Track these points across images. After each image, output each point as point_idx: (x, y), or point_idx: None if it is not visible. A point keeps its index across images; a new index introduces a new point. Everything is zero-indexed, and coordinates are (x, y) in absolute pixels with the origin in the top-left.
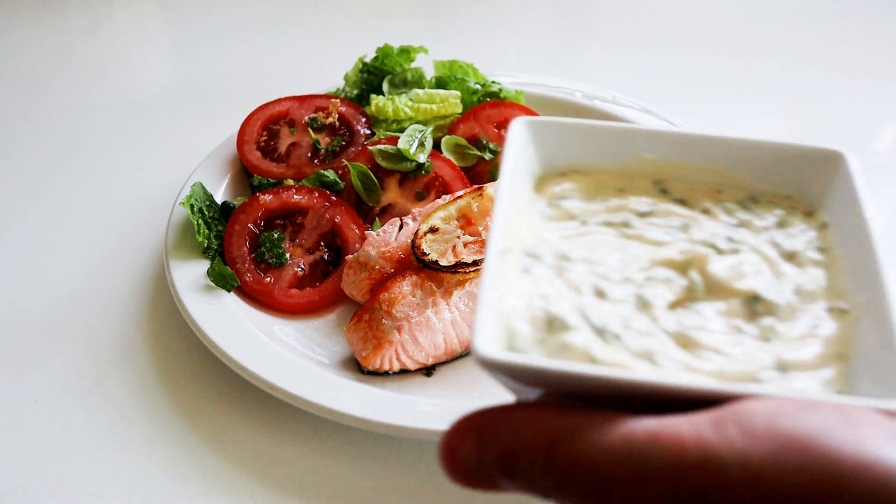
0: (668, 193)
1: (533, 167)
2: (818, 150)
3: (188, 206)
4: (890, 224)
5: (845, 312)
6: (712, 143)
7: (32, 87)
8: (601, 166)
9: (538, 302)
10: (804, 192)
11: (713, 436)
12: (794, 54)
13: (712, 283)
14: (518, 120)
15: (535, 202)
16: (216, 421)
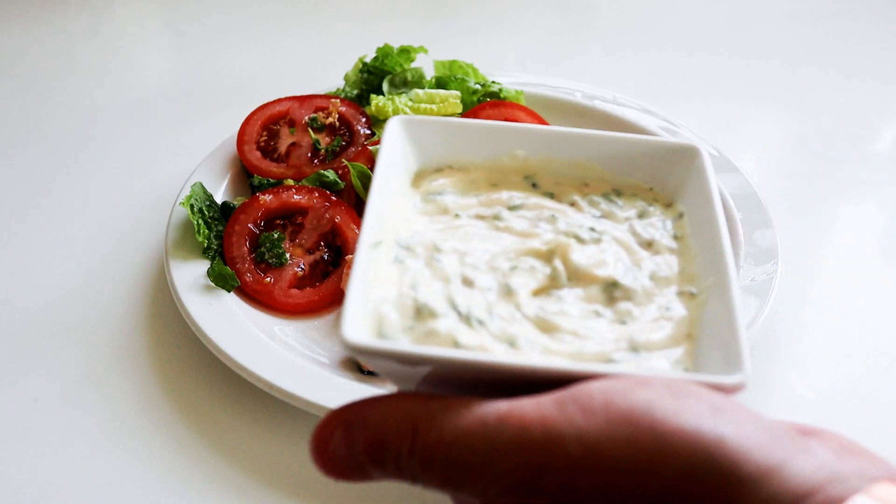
0: (538, 188)
1: (409, 164)
2: (676, 145)
3: (188, 206)
4: (890, 224)
5: (694, 296)
6: (579, 138)
7: (32, 87)
8: (475, 163)
9: (408, 291)
10: (664, 184)
11: (555, 414)
12: (794, 54)
13: (574, 271)
14: (394, 119)
15: (410, 197)
16: (216, 421)
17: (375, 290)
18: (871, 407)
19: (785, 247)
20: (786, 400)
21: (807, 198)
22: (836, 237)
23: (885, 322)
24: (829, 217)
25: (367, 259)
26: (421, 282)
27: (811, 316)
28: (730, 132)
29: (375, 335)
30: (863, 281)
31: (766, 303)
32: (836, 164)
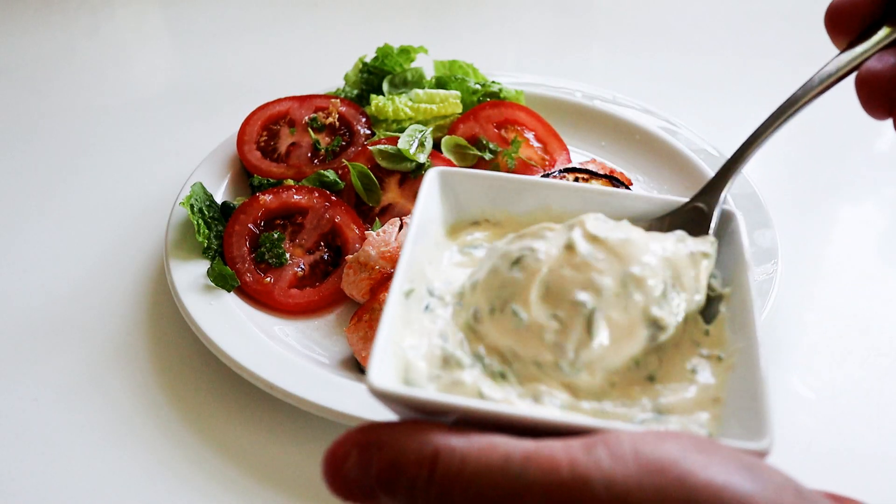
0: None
1: (446, 215)
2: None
3: (188, 206)
4: (890, 224)
5: (721, 360)
6: (614, 196)
7: (32, 87)
8: (510, 217)
9: (436, 340)
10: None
11: (584, 457)
12: (794, 54)
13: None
14: (432, 170)
15: (445, 247)
16: (216, 421)
17: (404, 337)
18: (871, 407)
19: (785, 247)
20: (786, 400)
21: (807, 198)
22: (836, 237)
23: (885, 322)
24: (829, 217)
25: (398, 305)
26: (449, 332)
27: (811, 316)
28: (730, 132)
29: (402, 382)
30: (863, 281)
31: (766, 303)
32: (836, 164)
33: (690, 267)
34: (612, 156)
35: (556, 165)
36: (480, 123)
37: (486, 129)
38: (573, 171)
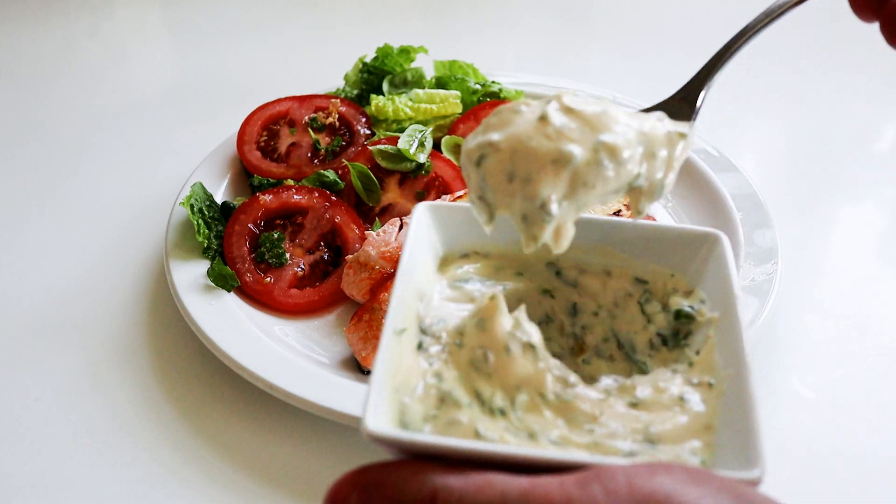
0: (562, 276)
1: (436, 249)
2: (697, 232)
3: (188, 206)
4: (890, 224)
5: (712, 386)
6: (602, 225)
7: (32, 88)
8: (500, 249)
9: (432, 380)
10: (685, 270)
11: (578, 493)
12: (794, 54)
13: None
14: (420, 206)
15: (436, 282)
16: (216, 421)
17: (399, 378)
18: (871, 407)
19: (785, 247)
20: (786, 400)
21: (807, 198)
22: (836, 237)
23: (885, 322)
24: (829, 217)
25: (391, 346)
26: (444, 371)
27: (811, 316)
28: (730, 132)
29: (398, 424)
30: (863, 281)
31: (766, 303)
32: (836, 164)
33: (665, 145)
34: None
35: None
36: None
37: None
38: None
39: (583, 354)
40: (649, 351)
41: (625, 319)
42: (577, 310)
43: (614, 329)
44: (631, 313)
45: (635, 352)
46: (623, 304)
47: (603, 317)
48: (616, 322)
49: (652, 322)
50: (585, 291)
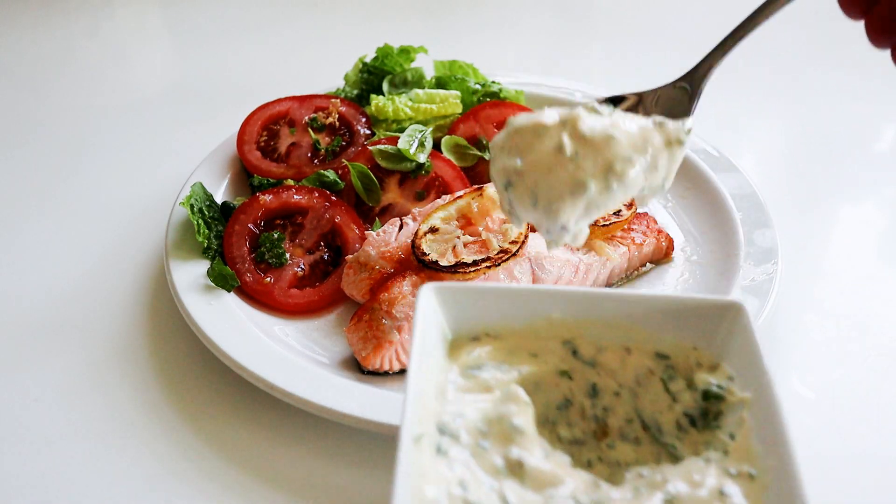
0: (579, 356)
1: (444, 333)
2: (718, 303)
3: (188, 206)
4: (890, 224)
5: (753, 478)
6: (618, 299)
7: (32, 88)
8: (511, 328)
9: (457, 491)
10: (708, 343)
11: None
12: (794, 54)
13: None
14: (425, 288)
15: (448, 371)
16: (216, 421)
17: (421, 489)
18: (871, 407)
19: (785, 247)
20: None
21: (807, 198)
22: (836, 237)
23: (885, 322)
24: (829, 217)
25: (410, 456)
26: (468, 477)
27: (811, 316)
28: (730, 132)
29: None
30: (863, 281)
31: (766, 303)
32: (836, 164)
33: (666, 154)
34: None
35: None
36: (480, 123)
37: (486, 129)
38: None
39: (606, 438)
40: (677, 432)
41: (648, 398)
42: (598, 390)
43: (638, 409)
44: (654, 392)
45: (662, 433)
46: (645, 381)
47: (625, 396)
48: (639, 401)
49: (678, 401)
50: (605, 370)
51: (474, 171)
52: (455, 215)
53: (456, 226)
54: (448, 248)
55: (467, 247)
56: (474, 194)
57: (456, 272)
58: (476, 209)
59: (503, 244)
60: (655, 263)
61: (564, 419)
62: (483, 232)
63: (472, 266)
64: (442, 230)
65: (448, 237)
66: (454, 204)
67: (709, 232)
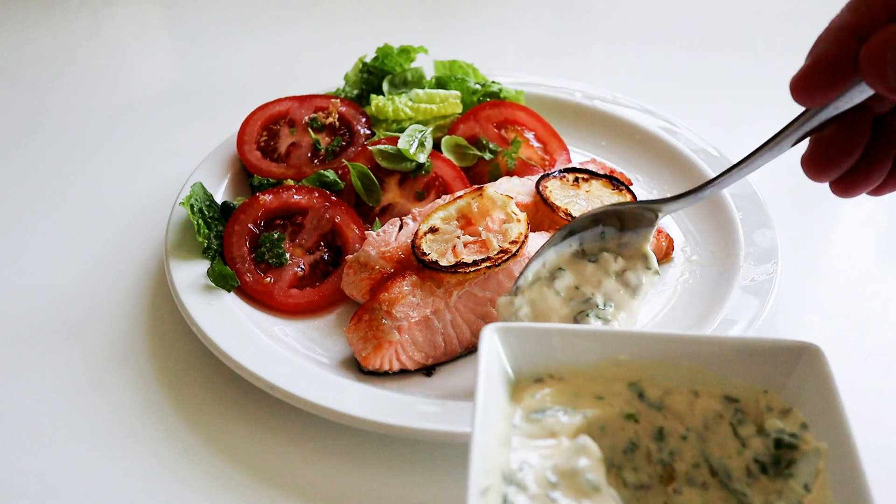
0: (645, 398)
1: (507, 374)
2: (791, 345)
3: (188, 206)
4: (890, 224)
5: None
6: (685, 342)
7: (32, 88)
8: (575, 370)
9: None
10: (780, 387)
11: None
12: (794, 54)
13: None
14: (488, 329)
15: (511, 415)
16: (216, 421)
17: None
18: (872, 407)
19: (785, 247)
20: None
21: (807, 198)
22: (836, 237)
23: (885, 322)
24: (829, 217)
25: None
26: None
27: (811, 316)
28: (730, 132)
29: None
30: (863, 281)
31: (766, 303)
32: None
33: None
34: (612, 156)
35: (556, 165)
36: (480, 123)
37: (486, 129)
38: (573, 171)
39: (673, 483)
40: (747, 479)
41: (716, 443)
42: (664, 434)
43: (706, 454)
44: (723, 436)
45: (731, 480)
46: (714, 425)
47: (692, 441)
48: (707, 446)
49: (747, 446)
50: (672, 413)
51: (474, 171)
52: (455, 215)
53: (456, 226)
54: (448, 248)
55: (467, 247)
56: (474, 194)
57: (456, 272)
58: (476, 209)
59: (503, 244)
60: None
61: (630, 463)
62: (483, 232)
63: (472, 266)
64: (442, 230)
65: (448, 237)
66: (454, 204)
67: (709, 232)
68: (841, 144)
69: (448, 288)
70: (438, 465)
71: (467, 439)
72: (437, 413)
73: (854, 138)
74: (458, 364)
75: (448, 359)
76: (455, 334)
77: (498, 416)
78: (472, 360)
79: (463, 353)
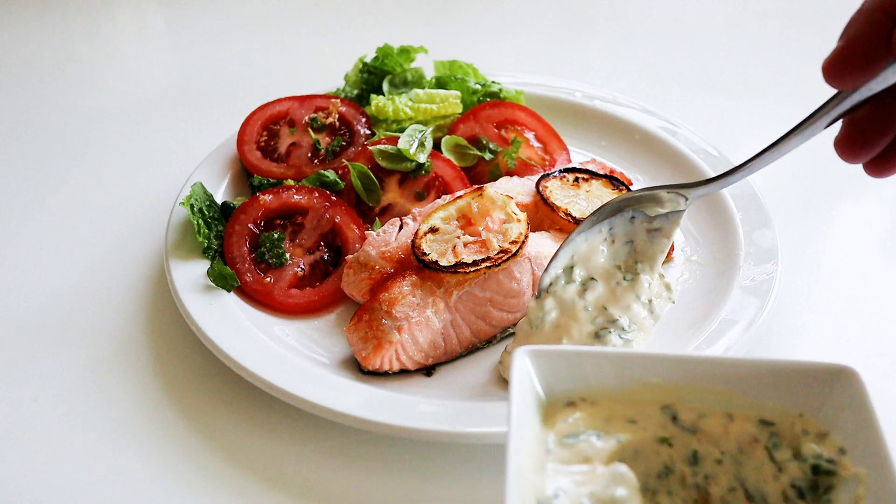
0: (679, 422)
1: (539, 398)
2: (828, 368)
3: (188, 206)
4: (890, 224)
5: None
6: (718, 364)
7: (32, 88)
8: (607, 393)
9: None
10: (817, 410)
11: None
12: (794, 54)
13: None
14: (519, 353)
15: (544, 440)
16: (216, 421)
17: None
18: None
19: (785, 247)
20: None
21: (807, 198)
22: (836, 237)
23: (885, 322)
24: (829, 217)
25: None
26: None
27: (811, 316)
28: (730, 132)
29: None
30: (863, 281)
31: (766, 303)
32: (836, 164)
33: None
34: (612, 156)
35: (556, 165)
36: (480, 123)
37: (486, 129)
38: (573, 171)
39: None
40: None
41: (752, 467)
42: (699, 458)
43: (741, 478)
44: (758, 460)
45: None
46: (749, 449)
47: (727, 464)
48: (742, 470)
49: (784, 471)
50: (706, 437)
51: (474, 171)
52: (455, 215)
53: (456, 226)
54: (448, 248)
55: (467, 247)
56: (474, 194)
57: (456, 272)
58: (476, 209)
59: (503, 244)
60: None
61: (665, 488)
62: (483, 232)
63: (472, 266)
64: (442, 230)
65: (448, 237)
66: (454, 204)
67: (709, 232)
68: (875, 125)
69: (448, 288)
70: (438, 465)
71: (467, 439)
72: (437, 413)
73: (888, 119)
74: (458, 364)
75: (448, 359)
76: (455, 334)
77: (531, 440)
78: (472, 361)
79: (463, 353)
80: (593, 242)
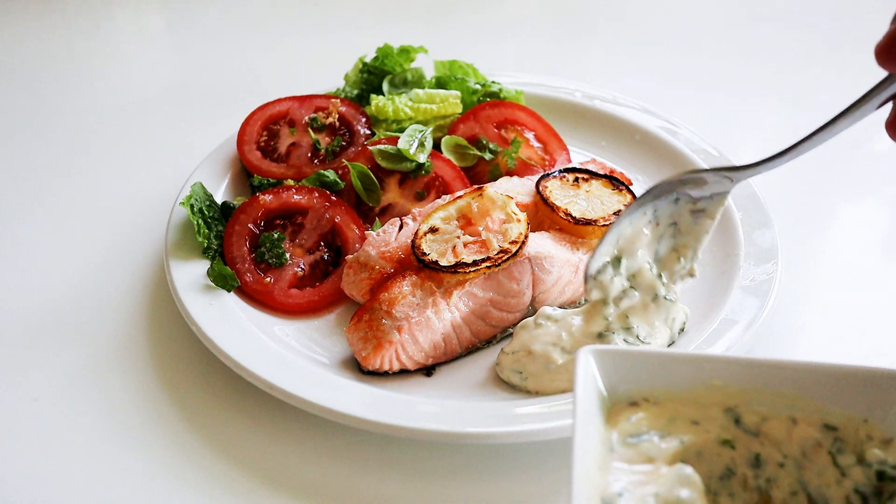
0: (742, 424)
1: (602, 397)
2: (893, 374)
3: (188, 206)
4: (890, 224)
5: None
6: (782, 368)
7: (32, 88)
8: (671, 394)
9: None
10: (883, 416)
11: None
12: (794, 54)
13: None
14: (584, 352)
15: (608, 439)
16: (216, 421)
17: None
18: None
19: (785, 247)
20: None
21: (807, 198)
22: (836, 237)
23: (885, 322)
24: (829, 217)
25: None
26: None
27: (811, 316)
28: (730, 132)
29: None
30: (863, 281)
31: (766, 303)
32: (836, 164)
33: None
34: (612, 156)
35: (556, 165)
36: (480, 123)
37: (486, 129)
38: (573, 171)
39: None
40: None
41: (815, 471)
42: (761, 461)
43: (803, 482)
44: (821, 465)
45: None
46: (812, 454)
47: (790, 468)
48: (805, 474)
49: (847, 476)
50: (769, 440)
51: (474, 171)
52: (455, 215)
53: (456, 226)
54: (448, 248)
55: (467, 247)
56: (474, 194)
57: (456, 272)
58: (476, 209)
59: (503, 244)
60: None
61: (726, 489)
62: (483, 232)
63: (472, 266)
64: (442, 230)
65: (448, 237)
66: (454, 204)
67: None
68: None
69: (448, 288)
70: (438, 465)
71: (467, 439)
72: (437, 413)
73: None
74: (458, 364)
75: (448, 359)
76: (455, 334)
77: (595, 439)
78: (472, 361)
79: (463, 353)
80: (638, 225)
